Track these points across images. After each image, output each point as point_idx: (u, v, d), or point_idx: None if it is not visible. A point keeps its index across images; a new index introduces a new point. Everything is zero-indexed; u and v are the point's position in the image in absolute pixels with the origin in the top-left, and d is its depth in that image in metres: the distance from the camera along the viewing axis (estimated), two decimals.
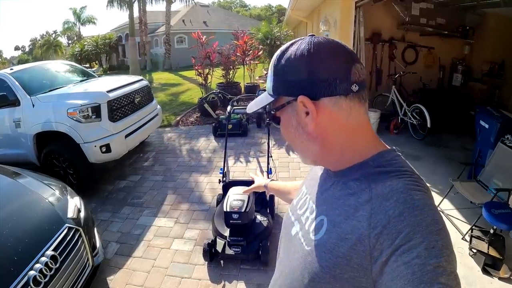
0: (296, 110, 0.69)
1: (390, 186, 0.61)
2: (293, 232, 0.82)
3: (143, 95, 5.13)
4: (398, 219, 0.56)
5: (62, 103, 4.04)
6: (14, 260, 1.88)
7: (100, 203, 4.12)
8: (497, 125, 3.70)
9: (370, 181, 0.65)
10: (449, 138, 5.82)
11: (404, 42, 6.84)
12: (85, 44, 26.46)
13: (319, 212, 0.74)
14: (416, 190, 0.60)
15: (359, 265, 0.58)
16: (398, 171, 0.65)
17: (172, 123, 7.74)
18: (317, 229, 0.71)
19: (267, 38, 12.13)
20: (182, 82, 14.72)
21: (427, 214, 0.56)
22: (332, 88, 0.64)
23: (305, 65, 0.65)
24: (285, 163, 5.07)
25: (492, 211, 2.88)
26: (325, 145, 0.71)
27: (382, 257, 0.55)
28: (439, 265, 0.50)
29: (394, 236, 0.54)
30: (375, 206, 0.60)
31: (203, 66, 8.26)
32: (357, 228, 0.60)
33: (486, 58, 6.43)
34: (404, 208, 0.57)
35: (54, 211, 2.38)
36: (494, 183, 3.45)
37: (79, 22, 37.58)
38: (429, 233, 0.53)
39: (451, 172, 4.16)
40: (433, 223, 0.55)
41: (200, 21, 27.27)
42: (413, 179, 0.63)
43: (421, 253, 0.51)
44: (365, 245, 0.58)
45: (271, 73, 0.72)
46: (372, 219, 0.59)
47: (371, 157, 0.69)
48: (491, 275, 2.74)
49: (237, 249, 2.85)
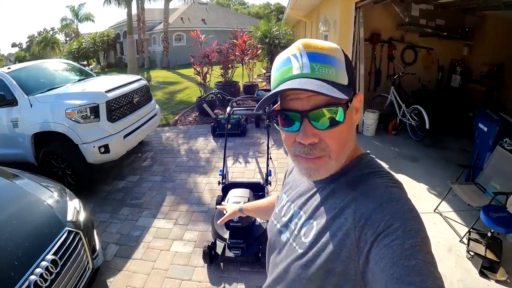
0: (350, 108, 0.70)
1: (370, 185, 0.70)
2: (283, 239, 0.84)
3: (141, 95, 5.10)
4: (378, 210, 0.63)
5: (60, 103, 4.01)
6: (15, 265, 1.86)
7: (99, 203, 4.10)
8: (496, 129, 3.71)
9: (354, 183, 0.72)
10: (447, 140, 5.83)
11: (403, 43, 6.86)
12: (83, 41, 26.35)
13: (308, 217, 0.78)
14: (392, 186, 0.69)
15: (348, 258, 0.64)
16: (376, 172, 0.73)
17: (170, 122, 7.72)
18: (307, 232, 0.75)
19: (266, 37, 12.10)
20: (180, 81, 14.68)
21: (403, 204, 0.63)
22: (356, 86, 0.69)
23: (350, 66, 0.72)
24: (284, 164, 5.06)
25: (490, 214, 2.89)
26: (352, 142, 0.75)
27: (366, 246, 0.61)
28: (416, 244, 0.56)
29: (376, 225, 0.61)
30: (358, 203, 0.67)
31: (202, 65, 8.23)
32: (344, 224, 0.67)
33: (485, 59, 6.46)
34: (383, 200, 0.64)
35: (54, 214, 2.37)
36: (492, 186, 3.46)
37: (77, 19, 37.36)
38: (406, 219, 0.60)
39: (450, 175, 4.17)
40: (409, 211, 0.62)
41: (199, 19, 27.16)
42: (389, 178, 0.72)
43: (399, 235, 0.57)
44: (352, 238, 0.64)
45: (341, 60, 0.69)
46: (356, 214, 0.65)
47: (354, 162, 0.77)
48: (488, 278, 2.76)
49: (237, 252, 2.85)
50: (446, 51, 6.82)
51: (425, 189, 4.14)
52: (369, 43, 6.64)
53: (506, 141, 3.58)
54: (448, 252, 3.03)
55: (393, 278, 0.53)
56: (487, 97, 6.43)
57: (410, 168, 4.69)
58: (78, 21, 37.53)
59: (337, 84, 0.66)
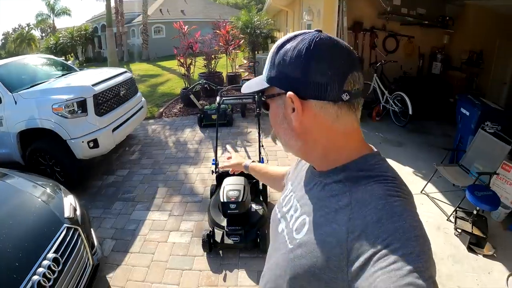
0: (284, 104, 0.70)
1: (370, 191, 0.62)
2: (279, 229, 0.84)
3: (127, 87, 5.04)
4: (376, 225, 0.56)
5: (46, 98, 3.92)
6: (16, 266, 1.82)
7: (90, 200, 4.05)
8: (478, 113, 3.88)
9: (351, 184, 0.66)
10: (429, 125, 6.03)
11: (385, 31, 6.99)
12: (60, 37, 25.47)
13: (302, 212, 0.75)
14: (395, 197, 0.60)
15: (336, 267, 0.59)
16: (380, 176, 0.65)
17: (155, 115, 7.64)
18: (299, 228, 0.72)
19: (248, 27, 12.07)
20: (161, 73, 14.47)
21: (405, 220, 0.56)
22: (321, 92, 0.64)
23: (300, 63, 0.64)
24: (273, 151, 5.12)
25: (475, 193, 3.05)
26: (307, 143, 0.71)
27: (359, 261, 0.55)
28: (416, 270, 0.49)
29: (372, 241, 0.55)
30: (354, 211, 0.61)
31: (185, 56, 8.16)
32: (336, 231, 0.61)
33: (465, 47, 6.65)
34: (382, 214, 0.57)
35: (51, 212, 2.33)
36: (475, 167, 3.63)
37: (53, 14, 35.90)
38: (406, 239, 0.53)
39: (433, 158, 4.34)
40: (410, 230, 0.55)
41: (178, 10, 26.73)
42: (394, 185, 0.64)
43: (398, 259, 0.51)
44: (343, 248, 0.59)
45: (268, 61, 0.71)
46: (351, 224, 0.60)
47: (355, 160, 0.70)
48: (476, 252, 2.93)
49: (236, 238, 2.90)
50: (427, 39, 6.99)
51: (411, 172, 4.30)
52: (351, 31, 6.73)
53: (487, 124, 3.75)
54: (436, 230, 3.19)
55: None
56: (467, 83, 6.66)
57: (395, 153, 4.84)
58: (54, 15, 36.12)
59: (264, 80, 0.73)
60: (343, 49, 0.66)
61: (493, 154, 3.48)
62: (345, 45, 0.67)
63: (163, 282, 2.73)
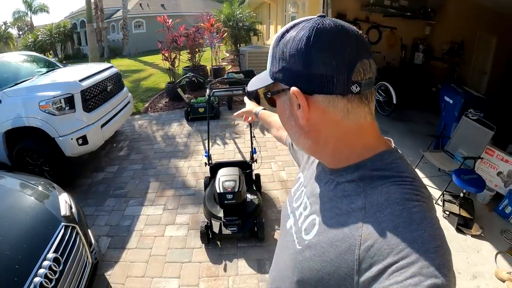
0: (290, 100, 0.65)
1: (386, 194, 0.57)
2: (288, 225, 0.81)
3: (114, 82, 4.96)
4: (392, 233, 0.51)
5: (33, 96, 3.80)
6: (16, 269, 1.76)
7: (81, 198, 3.97)
8: (461, 101, 4.03)
9: (366, 185, 0.61)
10: (413, 113, 6.22)
11: (368, 23, 7.09)
12: (39, 34, 24.68)
13: (312, 211, 0.71)
14: (414, 201, 0.55)
15: (346, 274, 0.56)
16: (398, 177, 0.60)
17: (141, 110, 7.55)
18: (308, 228, 0.69)
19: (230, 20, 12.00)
20: (143, 68, 14.24)
21: (424, 229, 0.51)
22: (328, 86, 0.58)
23: (301, 55, 0.59)
24: (262, 142, 5.14)
25: (462, 177, 3.20)
26: (318, 141, 0.66)
27: (371, 271, 0.51)
28: (435, 286, 0.45)
29: (387, 251, 0.50)
30: (368, 215, 0.56)
31: (170, 50, 8.07)
32: (348, 236, 0.57)
33: (447, 38, 6.87)
34: (399, 221, 0.52)
35: (47, 211, 2.27)
36: (460, 152, 3.79)
37: (30, 11, 34.58)
38: (425, 251, 0.48)
39: (418, 145, 4.48)
40: (430, 240, 0.50)
41: (158, 4, 26.27)
42: (412, 187, 0.58)
43: (415, 272, 0.46)
44: (354, 255, 0.55)
45: (270, 55, 0.67)
46: (364, 230, 0.55)
47: (370, 158, 0.64)
48: (464, 233, 3.09)
49: (234, 228, 2.93)
50: (409, 31, 7.15)
51: None
52: None
53: (470, 111, 3.90)
54: None
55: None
56: (449, 73, 6.88)
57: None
58: (32, 13, 34.84)
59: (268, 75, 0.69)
60: (349, 35, 0.59)
61: (477, 139, 3.64)
62: (352, 30, 0.60)
63: (164, 276, 2.74)
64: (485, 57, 6.63)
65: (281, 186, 4.03)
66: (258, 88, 0.72)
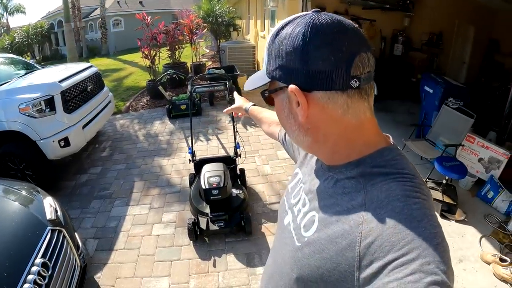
0: (288, 98, 0.64)
1: (387, 191, 0.57)
2: (285, 222, 0.80)
3: (94, 82, 4.90)
4: (393, 230, 0.52)
5: (12, 99, 3.72)
6: (4, 276, 1.74)
7: (66, 201, 3.90)
8: (441, 90, 4.13)
9: (366, 181, 0.61)
10: (394, 104, 6.34)
11: (347, 16, 7.10)
12: (16, 36, 23.81)
13: (311, 208, 0.71)
14: (415, 198, 0.56)
15: (346, 271, 0.55)
16: (398, 174, 0.60)
17: (122, 109, 7.44)
18: (308, 225, 0.68)
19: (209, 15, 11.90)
20: (123, 67, 14.01)
21: (425, 227, 0.52)
22: (326, 82, 0.57)
23: (298, 52, 0.58)
24: (245, 137, 5.17)
25: (444, 164, 3.29)
26: (317, 138, 0.65)
27: (372, 268, 0.51)
28: (435, 283, 0.46)
29: (387, 249, 0.50)
30: (369, 212, 0.56)
31: (150, 48, 7.97)
32: (348, 233, 0.57)
33: (425, 29, 7.00)
34: (400, 218, 0.52)
35: (32, 215, 2.23)
36: (441, 140, 3.89)
37: (6, 13, 33.20)
38: (425, 248, 0.49)
39: (400, 134, 4.58)
40: (431, 238, 0.50)
41: (136, 2, 25.82)
42: (413, 184, 0.58)
43: (415, 269, 0.47)
44: (355, 252, 0.54)
45: (266, 54, 0.66)
46: (364, 227, 0.55)
47: (370, 154, 0.63)
48: (449, 218, 3.20)
49: (221, 224, 2.96)
50: (388, 22, 7.23)
51: None
52: None
53: (450, 100, 4.01)
54: None
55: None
56: (428, 63, 7.03)
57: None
58: (8, 14, 33.55)
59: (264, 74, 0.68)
60: (346, 29, 0.58)
61: (458, 127, 3.74)
62: (348, 24, 0.60)
63: (153, 275, 2.74)
64: (464, 47, 6.78)
65: (266, 180, 4.07)
66: (256, 88, 0.71)
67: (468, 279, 2.57)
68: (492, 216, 3.25)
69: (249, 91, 0.75)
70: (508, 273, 2.53)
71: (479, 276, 2.60)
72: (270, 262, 0.87)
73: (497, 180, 3.47)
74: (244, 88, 0.78)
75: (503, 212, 3.29)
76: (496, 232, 3.04)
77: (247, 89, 0.75)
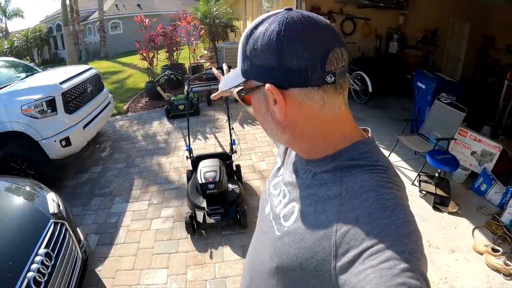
0: (265, 96, 0.64)
1: (361, 182, 0.59)
2: (266, 211, 0.82)
3: (94, 84, 5.01)
4: (367, 219, 0.53)
5: (14, 100, 3.82)
6: (10, 265, 1.82)
7: (68, 199, 3.95)
8: (433, 85, 4.21)
9: (342, 173, 0.62)
10: (389, 101, 6.42)
11: (342, 15, 7.24)
12: (15, 40, 23.95)
13: (291, 198, 0.72)
14: (388, 188, 0.57)
15: (323, 260, 0.57)
16: (372, 166, 0.62)
17: (121, 111, 7.54)
18: (287, 216, 0.70)
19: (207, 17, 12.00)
20: (122, 69, 14.11)
21: (398, 215, 0.53)
22: (302, 79, 0.58)
23: (272, 50, 0.58)
24: (242, 135, 5.27)
25: (435, 157, 3.35)
26: (295, 135, 0.66)
27: (347, 256, 0.53)
28: (408, 269, 0.47)
29: (362, 237, 0.52)
30: (344, 202, 0.58)
31: (148, 50, 8.06)
32: (324, 222, 0.59)
33: (420, 26, 7.04)
34: (374, 208, 0.54)
35: (36, 209, 2.33)
36: (434, 134, 3.96)
37: (5, 17, 33.26)
38: (399, 236, 0.51)
39: (395, 130, 4.64)
40: (403, 225, 0.52)
41: (134, 4, 26.08)
42: (386, 175, 0.60)
43: (389, 256, 0.48)
44: (331, 241, 0.56)
45: (240, 53, 0.65)
46: (340, 216, 0.57)
47: (345, 148, 0.65)
48: (441, 211, 3.25)
49: (217, 217, 3.05)
50: (383, 21, 7.33)
51: None
52: None
53: (442, 95, 4.08)
54: None
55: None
56: (423, 60, 7.09)
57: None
58: (6, 18, 33.63)
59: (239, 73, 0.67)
60: (318, 25, 0.59)
61: (450, 121, 3.81)
62: (320, 20, 0.60)
63: (152, 267, 2.83)
64: (459, 44, 6.81)
65: (262, 176, 4.15)
66: (231, 88, 0.71)
67: (460, 269, 2.62)
68: (486, 208, 3.29)
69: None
70: (500, 263, 2.55)
71: (471, 266, 2.64)
72: (251, 250, 0.88)
73: (490, 172, 3.50)
74: (219, 88, 0.79)
75: (497, 204, 3.33)
76: (489, 223, 3.07)
77: (223, 89, 0.75)
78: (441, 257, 2.71)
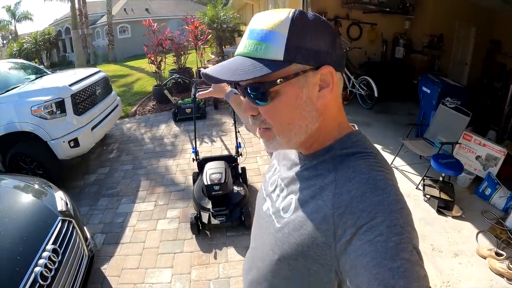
0: (309, 82, 0.63)
1: (353, 167, 0.63)
2: (264, 208, 0.84)
3: (102, 86, 5.10)
4: (361, 199, 0.57)
5: (25, 101, 3.92)
6: (18, 259, 1.87)
7: (75, 199, 3.95)
8: (438, 90, 4.21)
9: (336, 163, 0.66)
10: (395, 106, 6.41)
11: (348, 20, 7.26)
12: (24, 42, 24.29)
13: (289, 192, 0.75)
14: (378, 171, 0.61)
15: (323, 243, 0.60)
16: (363, 152, 0.66)
17: (129, 113, 7.63)
18: (286, 207, 0.73)
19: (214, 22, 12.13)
20: (130, 73, 14.25)
21: (389, 194, 0.57)
22: (342, 61, 0.65)
23: (329, 33, 0.63)
24: (248, 139, 5.25)
25: (439, 161, 3.35)
26: (323, 123, 0.68)
27: (345, 235, 0.56)
28: (401, 241, 0.51)
29: (357, 215, 0.56)
30: (338, 186, 0.62)
31: (156, 54, 8.17)
32: (322, 207, 0.62)
33: (426, 31, 7.04)
34: (366, 188, 0.58)
35: (45, 206, 2.39)
36: (439, 139, 3.95)
37: (14, 20, 33.81)
38: (390, 212, 0.54)
39: (400, 134, 4.63)
40: (394, 203, 0.56)
41: (142, 9, 26.25)
42: (376, 160, 0.65)
43: (383, 231, 0.52)
44: (329, 224, 0.59)
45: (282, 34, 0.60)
46: (336, 199, 0.60)
47: (340, 139, 0.70)
48: (445, 215, 3.23)
49: (222, 218, 3.09)
50: (389, 26, 7.32)
51: (379, 148, 4.52)
52: None
53: (447, 100, 4.08)
54: (407, 197, 3.43)
55: (376, 279, 0.49)
56: (429, 65, 7.07)
57: (364, 133, 5.08)
58: (16, 21, 34.17)
59: (265, 60, 0.60)
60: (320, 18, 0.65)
61: (454, 126, 3.80)
62: None
63: (157, 267, 2.87)
64: (465, 48, 6.80)
65: None
66: (248, 79, 0.60)
67: (463, 272, 2.60)
68: (490, 212, 3.27)
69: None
70: (504, 267, 2.53)
71: (474, 270, 2.62)
72: (251, 248, 0.91)
73: (495, 177, 3.48)
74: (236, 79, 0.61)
75: (501, 209, 3.30)
76: (493, 227, 3.05)
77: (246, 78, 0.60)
78: (444, 260, 2.70)
